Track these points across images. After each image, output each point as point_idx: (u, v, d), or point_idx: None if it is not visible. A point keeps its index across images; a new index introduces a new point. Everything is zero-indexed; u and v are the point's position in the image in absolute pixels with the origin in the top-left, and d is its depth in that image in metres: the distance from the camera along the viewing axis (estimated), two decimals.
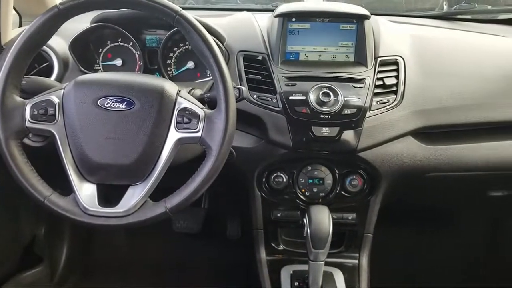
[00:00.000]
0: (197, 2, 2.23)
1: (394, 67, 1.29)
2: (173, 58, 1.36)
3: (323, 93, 1.20)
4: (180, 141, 0.99)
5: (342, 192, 1.33)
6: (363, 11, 1.30)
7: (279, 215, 1.37)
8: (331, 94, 1.20)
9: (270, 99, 1.24)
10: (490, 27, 1.70)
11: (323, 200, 1.33)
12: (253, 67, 1.28)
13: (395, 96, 1.26)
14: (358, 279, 1.38)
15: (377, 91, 1.25)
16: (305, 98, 1.21)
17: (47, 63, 1.29)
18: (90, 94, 0.98)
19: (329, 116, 1.20)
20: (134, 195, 0.98)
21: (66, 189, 1.00)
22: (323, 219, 1.21)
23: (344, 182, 1.32)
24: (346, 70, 1.27)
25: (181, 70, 1.36)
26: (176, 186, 0.99)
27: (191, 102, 1.00)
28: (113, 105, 0.97)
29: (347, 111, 1.21)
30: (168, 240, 2.05)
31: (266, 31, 1.35)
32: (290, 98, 1.22)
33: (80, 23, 1.28)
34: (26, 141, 1.08)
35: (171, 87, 1.01)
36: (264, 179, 1.34)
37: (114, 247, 2.07)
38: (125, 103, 0.98)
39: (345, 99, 1.21)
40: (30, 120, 0.98)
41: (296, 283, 1.32)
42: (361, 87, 1.23)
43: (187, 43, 1.34)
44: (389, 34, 1.36)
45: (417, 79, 1.30)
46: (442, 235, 1.99)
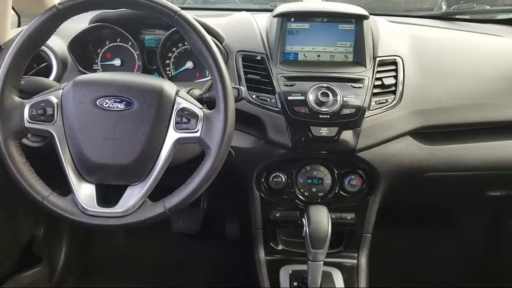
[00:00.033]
0: (196, 2, 2.22)
1: (393, 67, 1.29)
2: (172, 58, 1.36)
3: (322, 93, 1.20)
4: (179, 141, 0.98)
5: (341, 192, 1.33)
6: (361, 11, 1.30)
7: (278, 215, 1.37)
8: (330, 94, 1.20)
9: (269, 99, 1.24)
10: (489, 27, 1.70)
11: (322, 200, 1.33)
12: (252, 67, 1.28)
13: (393, 96, 1.26)
14: (357, 279, 1.38)
15: (376, 91, 1.25)
16: (304, 98, 1.21)
17: (45, 63, 1.29)
18: (89, 94, 0.98)
19: (328, 116, 1.20)
20: (133, 195, 0.98)
21: (65, 189, 0.99)
22: (322, 219, 1.21)
23: (343, 182, 1.32)
24: (345, 70, 1.27)
25: (180, 70, 1.36)
26: (175, 186, 0.98)
27: (190, 102, 1.00)
28: (112, 105, 0.97)
29: (346, 111, 1.21)
30: (167, 240, 2.05)
31: (265, 31, 1.35)
32: (289, 98, 1.22)
33: (79, 23, 1.28)
34: (25, 141, 1.08)
35: (170, 87, 1.01)
36: (263, 179, 1.34)
37: (113, 247, 2.06)
38: (124, 103, 0.97)
39: (344, 99, 1.21)
40: (29, 120, 0.98)
41: (295, 283, 1.32)
42: (360, 87, 1.23)
43: (186, 43, 1.34)
44: (388, 34, 1.36)
45: (415, 79, 1.30)
46: (441, 235, 1.99)
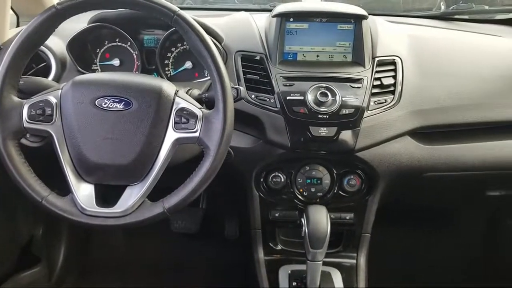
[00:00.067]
0: (195, 2, 2.23)
1: (392, 67, 1.29)
2: (171, 58, 1.36)
3: (321, 93, 1.20)
4: (178, 141, 0.98)
5: (340, 192, 1.33)
6: (360, 11, 1.30)
7: (277, 215, 1.37)
8: (329, 94, 1.21)
9: (268, 99, 1.24)
10: (488, 27, 1.71)
11: (321, 200, 1.33)
12: (251, 67, 1.28)
13: (392, 96, 1.26)
14: (356, 278, 1.38)
15: (374, 91, 1.25)
16: (303, 98, 1.21)
17: (44, 63, 1.29)
18: (87, 94, 0.98)
19: (327, 116, 1.20)
20: (132, 195, 0.98)
21: (63, 189, 0.99)
22: (321, 219, 1.21)
23: (342, 182, 1.32)
24: (344, 70, 1.27)
25: (179, 70, 1.36)
26: (174, 186, 0.98)
27: (189, 102, 1.00)
28: (111, 105, 0.97)
29: (345, 111, 1.21)
30: (166, 240, 2.05)
31: (264, 31, 1.35)
32: (288, 98, 1.22)
33: (78, 23, 1.28)
34: (23, 141, 1.08)
35: (169, 87, 1.01)
36: (262, 179, 1.34)
37: (112, 247, 2.06)
38: (123, 103, 0.97)
39: (343, 99, 1.21)
40: (28, 120, 0.98)
41: (294, 283, 1.32)
42: (359, 87, 1.23)
43: (185, 43, 1.34)
44: (387, 34, 1.36)
45: (414, 79, 1.30)
46: (440, 235, 1.99)
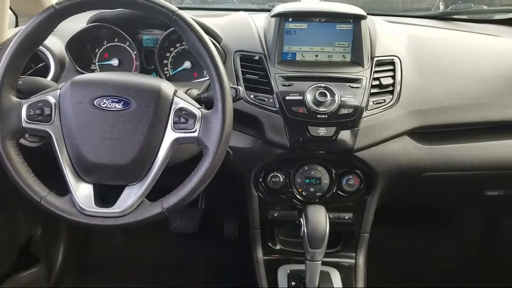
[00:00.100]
0: (194, 2, 2.23)
1: (391, 67, 1.29)
2: (170, 58, 1.36)
3: (319, 93, 1.20)
4: (176, 141, 0.98)
5: (338, 192, 1.33)
6: (359, 11, 1.30)
7: (276, 215, 1.37)
8: (327, 94, 1.21)
9: (267, 99, 1.24)
10: (486, 27, 1.71)
11: (320, 200, 1.33)
12: (250, 67, 1.28)
13: (391, 96, 1.26)
14: (355, 278, 1.38)
15: (373, 91, 1.25)
16: (301, 98, 1.21)
17: (43, 63, 1.29)
18: (86, 94, 0.98)
19: (326, 116, 1.20)
20: (130, 195, 0.98)
21: (62, 189, 0.99)
22: (320, 218, 1.21)
23: (341, 181, 1.32)
24: (342, 70, 1.27)
25: (178, 70, 1.36)
26: (173, 186, 0.98)
27: (187, 102, 1.00)
28: (110, 105, 0.97)
29: (344, 111, 1.21)
30: (165, 240, 2.04)
31: (263, 31, 1.35)
32: (287, 98, 1.22)
33: (77, 23, 1.28)
34: (22, 141, 1.07)
35: (167, 87, 1.01)
36: (261, 179, 1.34)
37: (111, 247, 2.06)
38: (121, 103, 0.97)
39: (342, 99, 1.21)
40: (27, 120, 0.97)
41: (293, 283, 1.32)
42: (358, 87, 1.23)
43: (183, 43, 1.34)
44: (386, 34, 1.36)
45: (413, 79, 1.30)
46: (438, 234, 1.99)
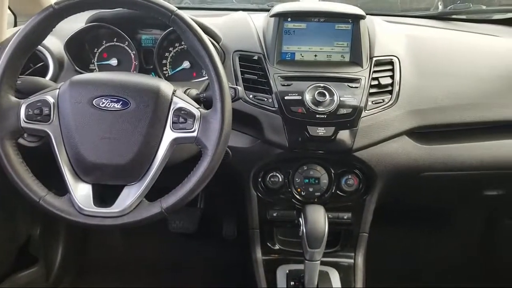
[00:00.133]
0: (193, 2, 2.22)
1: (389, 67, 1.29)
2: (169, 58, 1.36)
3: (318, 93, 1.21)
4: (175, 141, 0.98)
5: (337, 192, 1.33)
6: (358, 11, 1.30)
7: (275, 214, 1.37)
8: (326, 94, 1.21)
9: (266, 99, 1.24)
10: (485, 27, 1.71)
11: (318, 200, 1.33)
12: (249, 67, 1.28)
13: (390, 96, 1.26)
14: (354, 278, 1.38)
15: (372, 91, 1.25)
16: (300, 98, 1.21)
17: (42, 63, 1.29)
18: (85, 94, 0.98)
19: (325, 116, 1.20)
20: (129, 195, 0.98)
21: (61, 189, 0.99)
22: (318, 218, 1.21)
23: (340, 181, 1.32)
24: (341, 70, 1.27)
25: (177, 70, 1.36)
26: (172, 186, 0.98)
27: (186, 102, 1.00)
28: (109, 105, 0.97)
29: (343, 111, 1.21)
30: (164, 240, 2.04)
31: (262, 31, 1.35)
32: (286, 98, 1.22)
33: (75, 22, 1.28)
34: (21, 141, 1.07)
35: (166, 87, 1.01)
36: (260, 179, 1.34)
37: (110, 247, 2.06)
38: (120, 103, 0.97)
39: (341, 99, 1.21)
40: (25, 120, 0.97)
41: (292, 283, 1.32)
42: (357, 87, 1.23)
43: (182, 42, 1.34)
44: (385, 34, 1.36)
45: (412, 79, 1.30)
46: (437, 234, 1.99)
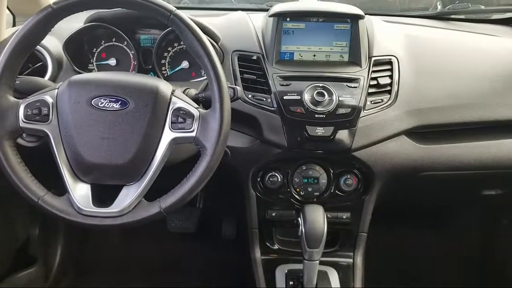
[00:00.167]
0: (192, 2, 2.22)
1: (388, 66, 1.29)
2: (168, 58, 1.36)
3: (317, 93, 1.21)
4: (174, 141, 0.98)
5: (336, 191, 1.33)
6: (357, 11, 1.30)
7: (274, 214, 1.37)
8: (325, 93, 1.21)
9: (264, 99, 1.24)
10: (484, 27, 1.71)
11: (317, 200, 1.33)
12: (247, 66, 1.28)
13: (389, 96, 1.26)
14: (353, 278, 1.38)
15: (371, 90, 1.25)
16: (299, 97, 1.21)
17: (41, 63, 1.29)
18: (84, 94, 0.98)
19: (324, 116, 1.20)
20: (128, 195, 0.98)
21: (60, 189, 0.99)
22: (317, 218, 1.21)
23: (339, 181, 1.32)
24: (340, 70, 1.27)
25: (176, 69, 1.36)
26: (171, 186, 0.98)
27: (185, 101, 1.00)
28: (107, 105, 0.97)
29: (342, 110, 1.21)
30: (163, 240, 2.04)
31: (261, 31, 1.35)
32: (285, 97, 1.22)
33: (74, 22, 1.28)
34: (20, 141, 1.07)
35: (165, 87, 1.01)
36: (259, 179, 1.34)
37: (109, 247, 2.06)
38: (119, 103, 0.97)
39: (340, 98, 1.21)
40: (24, 120, 0.97)
41: (291, 282, 1.32)
42: (356, 87, 1.24)
43: (181, 42, 1.34)
44: (383, 34, 1.36)
45: (411, 78, 1.30)
46: (436, 234, 1.99)
